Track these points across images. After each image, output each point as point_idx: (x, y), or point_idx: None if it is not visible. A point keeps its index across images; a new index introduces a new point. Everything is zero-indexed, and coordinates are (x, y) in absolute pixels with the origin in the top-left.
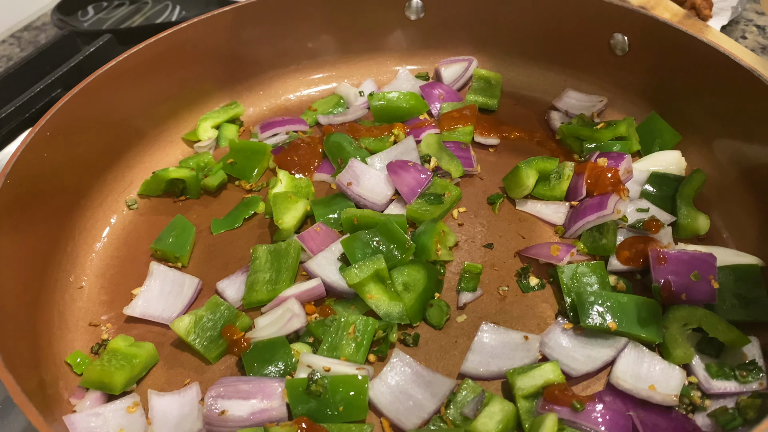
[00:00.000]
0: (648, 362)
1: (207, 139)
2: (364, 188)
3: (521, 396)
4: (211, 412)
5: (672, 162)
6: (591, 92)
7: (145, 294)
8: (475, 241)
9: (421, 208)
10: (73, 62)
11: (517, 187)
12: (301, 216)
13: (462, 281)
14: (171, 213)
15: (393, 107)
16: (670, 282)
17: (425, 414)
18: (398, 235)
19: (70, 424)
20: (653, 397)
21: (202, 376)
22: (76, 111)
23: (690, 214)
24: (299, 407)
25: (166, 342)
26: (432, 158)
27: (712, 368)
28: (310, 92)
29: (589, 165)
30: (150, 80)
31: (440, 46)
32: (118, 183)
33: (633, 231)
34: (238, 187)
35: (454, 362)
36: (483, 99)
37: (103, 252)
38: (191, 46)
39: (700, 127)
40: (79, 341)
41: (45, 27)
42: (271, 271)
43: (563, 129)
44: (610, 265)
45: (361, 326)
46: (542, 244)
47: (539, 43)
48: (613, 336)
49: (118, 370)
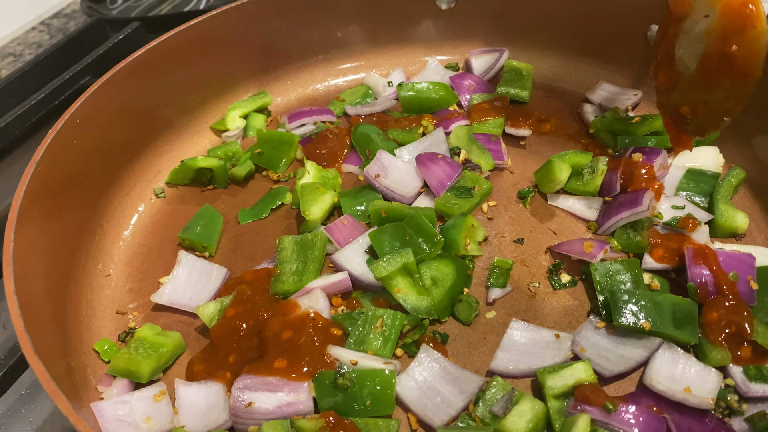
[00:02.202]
0: (683, 364)
1: (235, 128)
2: (392, 180)
3: (552, 395)
4: (238, 403)
5: (709, 158)
6: (626, 85)
7: (173, 282)
8: (505, 236)
9: (450, 201)
10: (101, 50)
11: (549, 182)
12: (328, 208)
13: (491, 277)
14: (198, 202)
15: (422, 98)
16: (706, 282)
17: (453, 411)
18: (427, 229)
19: (98, 411)
20: (689, 399)
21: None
22: (105, 99)
23: (728, 212)
24: (326, 401)
25: (193, 331)
26: (462, 151)
27: (750, 371)
28: (338, 82)
29: (624, 160)
30: (178, 69)
31: (471, 36)
32: (146, 171)
33: (668, 229)
34: (265, 177)
35: (482, 359)
36: (514, 90)
37: (130, 240)
38: (220, 35)
39: (739, 122)
40: (106, 329)
41: (75, 14)
42: (298, 262)
43: (597, 122)
44: (644, 263)
45: (389, 320)
46: (574, 240)
47: (573, 34)
48: (647, 336)
49: (145, 358)
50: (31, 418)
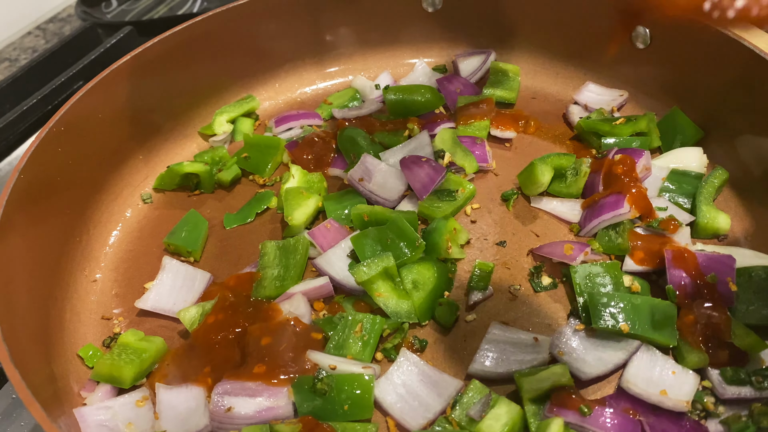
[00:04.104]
0: (661, 366)
1: (222, 133)
2: (375, 184)
3: (528, 398)
4: (218, 408)
5: (693, 159)
6: (611, 86)
7: (157, 288)
8: (488, 239)
9: (433, 204)
10: (93, 55)
11: (532, 184)
12: (312, 212)
13: (473, 280)
14: (185, 207)
15: (408, 101)
16: (685, 284)
17: (431, 414)
18: (408, 233)
19: (80, 417)
20: (664, 402)
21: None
22: (90, 106)
23: (710, 214)
24: (305, 405)
25: (177, 336)
26: (446, 153)
27: (727, 373)
28: (326, 85)
29: (607, 162)
30: (165, 74)
31: (458, 38)
32: (134, 177)
33: (650, 230)
34: (251, 181)
35: (462, 362)
36: (500, 92)
37: (117, 246)
38: (207, 39)
39: (724, 123)
40: (91, 334)
41: (70, 18)
42: (279, 267)
43: (582, 123)
44: (625, 265)
45: (368, 325)
46: (556, 242)
47: (559, 35)
48: (626, 339)
49: (127, 364)
50: (23, 421)
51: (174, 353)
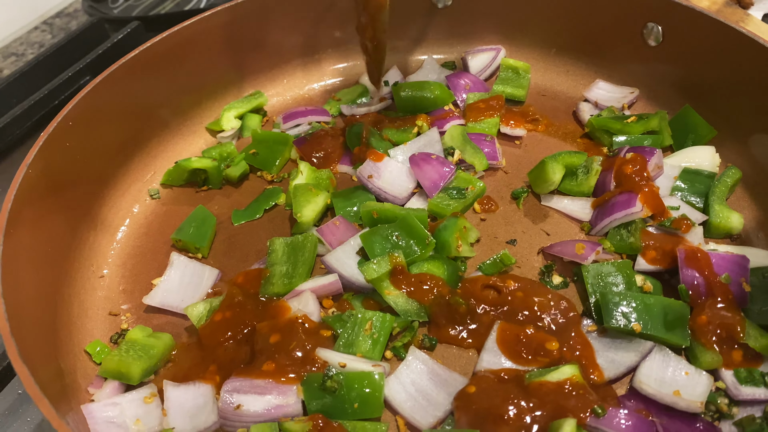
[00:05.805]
0: (674, 367)
1: (230, 129)
2: (384, 181)
3: None
4: (227, 405)
5: (705, 158)
6: (622, 84)
7: (165, 284)
8: (498, 237)
9: (442, 202)
10: (100, 50)
11: (543, 182)
12: (320, 209)
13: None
14: (193, 203)
15: (417, 97)
16: (698, 284)
17: (440, 413)
18: (418, 230)
19: (88, 413)
20: (677, 403)
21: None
22: (98, 101)
23: (722, 213)
24: (314, 403)
25: (185, 333)
26: (456, 151)
27: (741, 374)
28: (335, 82)
29: (618, 160)
30: (173, 69)
31: (467, 34)
32: (141, 173)
33: (662, 229)
34: (259, 177)
35: (470, 361)
36: (510, 89)
37: (124, 242)
38: (215, 35)
39: (736, 121)
40: (98, 330)
41: (77, 13)
42: (288, 264)
43: (592, 121)
44: (637, 265)
45: (378, 323)
46: (567, 241)
47: (570, 32)
48: (639, 340)
49: (135, 360)
50: (29, 417)
51: (181, 350)
